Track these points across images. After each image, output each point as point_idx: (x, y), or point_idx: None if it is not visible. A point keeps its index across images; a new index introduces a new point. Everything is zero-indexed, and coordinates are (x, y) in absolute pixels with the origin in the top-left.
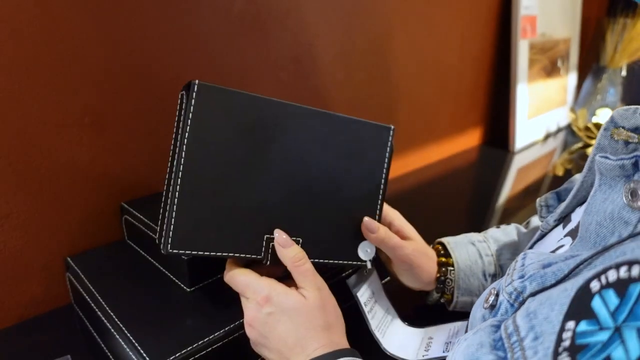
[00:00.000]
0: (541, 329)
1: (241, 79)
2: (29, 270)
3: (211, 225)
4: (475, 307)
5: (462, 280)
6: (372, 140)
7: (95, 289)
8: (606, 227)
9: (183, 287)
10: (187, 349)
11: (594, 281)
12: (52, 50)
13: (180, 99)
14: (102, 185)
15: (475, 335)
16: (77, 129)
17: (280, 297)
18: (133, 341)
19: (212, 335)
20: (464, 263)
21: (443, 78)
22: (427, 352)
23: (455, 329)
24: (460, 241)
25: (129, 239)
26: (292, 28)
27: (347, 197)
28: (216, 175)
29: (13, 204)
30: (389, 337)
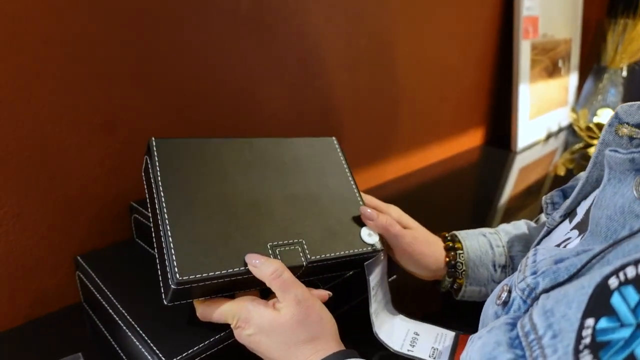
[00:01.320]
0: (559, 326)
1: (247, 80)
2: (39, 269)
3: (209, 250)
4: (487, 304)
5: (471, 269)
6: (323, 150)
7: (106, 287)
8: (617, 221)
9: None
10: (198, 346)
11: (612, 278)
12: (62, 52)
13: (145, 162)
14: (112, 185)
15: (491, 334)
16: (87, 129)
17: (256, 316)
18: (145, 338)
19: (223, 332)
20: (474, 253)
21: (445, 78)
22: (412, 349)
23: (443, 336)
24: (471, 232)
25: (138, 237)
26: (297, 29)
27: (328, 201)
28: (199, 211)
29: (24, 203)
30: (381, 320)
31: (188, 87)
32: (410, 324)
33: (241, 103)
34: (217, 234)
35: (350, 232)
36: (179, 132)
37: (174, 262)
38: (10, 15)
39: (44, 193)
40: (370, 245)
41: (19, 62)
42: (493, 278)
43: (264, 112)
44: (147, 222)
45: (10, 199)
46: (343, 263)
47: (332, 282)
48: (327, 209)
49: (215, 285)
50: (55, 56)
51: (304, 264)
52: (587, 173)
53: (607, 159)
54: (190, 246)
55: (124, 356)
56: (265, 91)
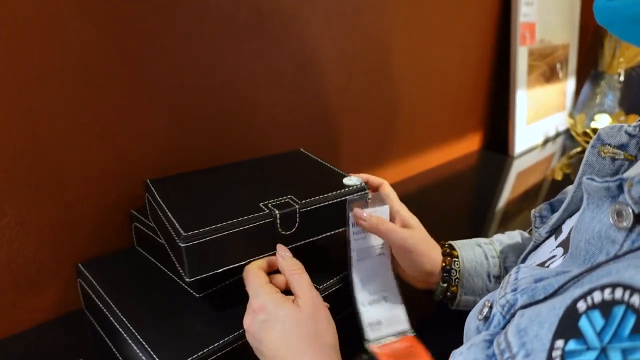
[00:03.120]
0: (532, 346)
1: (246, 86)
2: (41, 276)
3: (209, 212)
4: (469, 317)
5: (467, 279)
6: (297, 155)
7: (107, 294)
8: (595, 245)
9: (192, 293)
10: (198, 354)
11: (581, 301)
12: (62, 60)
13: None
14: (112, 193)
15: (470, 351)
16: (88, 137)
17: (274, 305)
18: (145, 345)
19: (222, 339)
20: (469, 263)
21: (443, 84)
22: (368, 308)
23: (400, 320)
24: (467, 242)
25: (139, 245)
26: (295, 35)
27: (310, 175)
28: (205, 221)
29: (26, 211)
30: (361, 267)
31: (188, 93)
32: (391, 286)
33: (241, 109)
34: (214, 205)
35: (333, 184)
36: (179, 140)
37: (177, 224)
38: (12, 24)
39: (46, 201)
40: (352, 185)
41: (19, 71)
42: (488, 288)
43: (264, 118)
44: (147, 230)
45: (12, 208)
46: (332, 207)
47: (331, 290)
48: (310, 178)
49: (224, 239)
50: (55, 65)
51: (297, 209)
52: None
53: (584, 186)
54: (191, 213)
55: None
56: (265, 97)
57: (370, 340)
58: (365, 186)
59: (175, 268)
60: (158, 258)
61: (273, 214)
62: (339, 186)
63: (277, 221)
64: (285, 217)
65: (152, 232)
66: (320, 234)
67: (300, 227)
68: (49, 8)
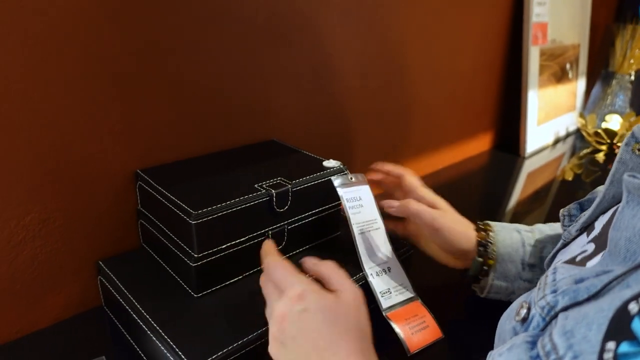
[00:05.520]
0: (580, 347)
1: (262, 87)
2: (63, 273)
3: (212, 194)
4: (503, 319)
5: (500, 264)
6: (275, 146)
7: (129, 291)
8: (636, 243)
9: (200, 292)
10: (222, 351)
11: (632, 303)
12: (84, 64)
13: (138, 187)
14: (133, 192)
15: (512, 352)
16: (110, 137)
17: (315, 294)
18: (170, 342)
19: (246, 337)
20: (504, 248)
21: (455, 84)
22: (374, 277)
23: (404, 289)
24: (506, 226)
25: (144, 243)
26: (311, 38)
27: (291, 163)
28: (210, 201)
29: (50, 209)
30: (365, 238)
31: (205, 95)
32: (391, 258)
33: (256, 110)
34: (212, 187)
35: (315, 167)
36: (196, 140)
37: (184, 205)
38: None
39: (68, 200)
40: (332, 167)
41: (44, 71)
42: (521, 276)
43: (279, 119)
44: (151, 227)
45: (37, 206)
46: (318, 186)
47: None
48: (292, 163)
49: (229, 217)
50: (77, 69)
51: (289, 189)
52: (605, 190)
53: (625, 183)
54: (194, 195)
55: (147, 359)
56: (281, 98)
57: (384, 308)
58: (344, 167)
59: (177, 266)
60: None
61: (270, 193)
62: (321, 168)
63: (273, 199)
64: (279, 196)
65: (153, 228)
66: (308, 211)
67: (292, 205)
68: (70, 8)
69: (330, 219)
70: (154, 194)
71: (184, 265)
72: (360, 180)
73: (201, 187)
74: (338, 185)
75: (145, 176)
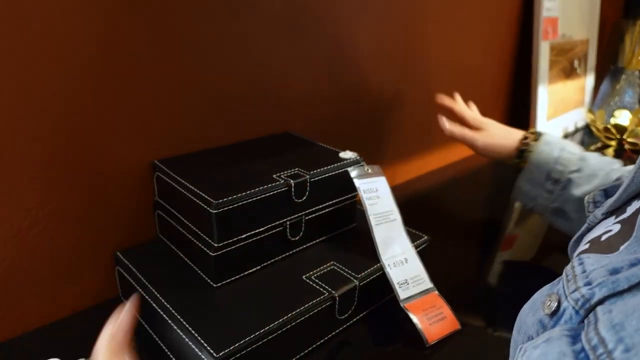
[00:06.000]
0: (632, 341)
1: (278, 78)
2: (80, 264)
3: (231, 184)
4: (524, 312)
5: (529, 168)
6: (290, 138)
7: (148, 282)
8: None
9: (218, 282)
10: (245, 339)
11: None
12: (102, 55)
13: (155, 178)
14: (150, 183)
15: (551, 344)
16: (127, 128)
17: None
18: (193, 332)
19: (268, 326)
20: (538, 158)
21: (466, 78)
22: (392, 268)
23: (422, 279)
24: (553, 142)
25: (161, 233)
26: (327, 29)
27: (305, 153)
28: (229, 190)
29: (68, 201)
30: (381, 228)
31: (221, 87)
32: (408, 249)
33: (271, 102)
34: (231, 177)
35: (331, 158)
36: (211, 131)
37: (204, 195)
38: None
39: (87, 190)
40: (348, 159)
41: (62, 65)
42: (543, 185)
43: (293, 111)
44: (168, 217)
45: (56, 196)
46: (335, 177)
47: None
48: (308, 154)
49: (248, 206)
50: (97, 59)
51: (307, 179)
52: (633, 174)
53: None
54: (213, 185)
55: (166, 349)
56: (295, 90)
57: (402, 299)
58: (360, 159)
59: (196, 256)
60: (177, 246)
61: (288, 183)
62: (337, 160)
63: (292, 190)
64: (298, 186)
65: (171, 218)
66: (325, 202)
67: (309, 196)
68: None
69: (346, 211)
70: (173, 184)
71: (203, 255)
72: (376, 172)
73: (219, 177)
74: (355, 176)
75: (163, 167)
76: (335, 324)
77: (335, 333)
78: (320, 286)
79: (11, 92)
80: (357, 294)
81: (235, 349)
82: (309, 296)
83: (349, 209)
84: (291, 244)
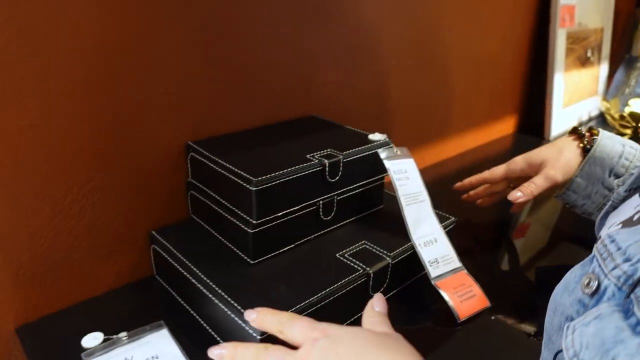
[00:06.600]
0: None
1: (306, 63)
2: (117, 243)
3: (268, 163)
4: (558, 293)
5: (589, 164)
6: (317, 121)
7: (187, 259)
8: None
9: (249, 261)
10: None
11: None
12: (144, 41)
13: (189, 159)
14: (183, 164)
15: (604, 321)
16: (164, 110)
17: (335, 326)
18: (234, 304)
19: (309, 298)
20: (601, 153)
21: (483, 66)
22: (423, 247)
23: (451, 258)
24: (614, 137)
25: (194, 214)
26: (351, 15)
27: (337, 134)
28: (267, 169)
29: (108, 178)
30: (411, 208)
31: (250, 71)
32: (436, 229)
33: (297, 86)
34: (267, 157)
35: (361, 140)
36: (240, 114)
37: (243, 173)
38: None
39: (126, 170)
40: (378, 140)
41: (107, 47)
42: (603, 181)
43: (321, 95)
44: (202, 197)
45: (97, 173)
46: (366, 158)
47: None
48: (338, 136)
49: (286, 184)
50: (139, 43)
51: (341, 159)
52: None
53: None
54: (251, 164)
55: (205, 324)
56: (320, 75)
57: (433, 277)
58: (389, 141)
59: (232, 234)
60: (212, 225)
61: (323, 163)
62: (367, 141)
63: (326, 169)
64: (332, 165)
65: (206, 198)
66: (357, 182)
67: (341, 176)
68: None
69: (375, 192)
70: (209, 164)
71: (240, 233)
72: (405, 154)
73: (254, 157)
74: (384, 157)
75: (199, 147)
76: (368, 300)
77: None
78: (355, 263)
79: (58, 69)
80: (389, 272)
81: None
82: (344, 273)
83: (378, 190)
84: (323, 224)
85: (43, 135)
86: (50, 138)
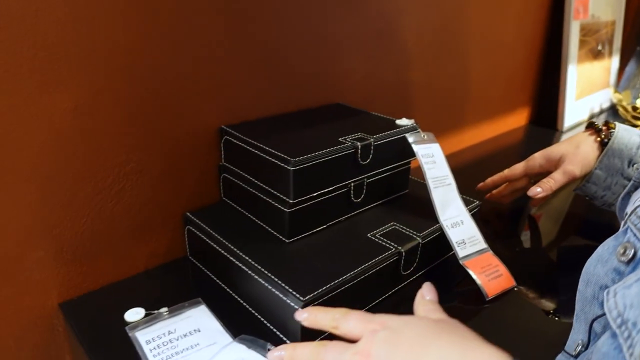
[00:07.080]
0: None
1: (335, 50)
2: (152, 224)
3: (300, 146)
4: (591, 265)
5: (607, 156)
6: (344, 108)
7: (224, 238)
8: None
9: (283, 239)
10: (327, 285)
11: None
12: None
13: (223, 142)
14: (216, 147)
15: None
16: (199, 95)
17: (395, 317)
18: (276, 279)
19: (347, 274)
20: (619, 145)
21: (498, 57)
22: (451, 228)
23: (477, 239)
24: (630, 129)
25: (226, 196)
26: (376, 4)
27: (365, 120)
28: (303, 150)
29: (146, 161)
30: (438, 192)
31: (279, 58)
32: (462, 212)
33: (324, 73)
34: (300, 140)
35: (389, 125)
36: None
37: (281, 154)
38: None
39: (163, 153)
40: (405, 125)
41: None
42: (622, 172)
43: (344, 83)
44: (236, 179)
45: (136, 156)
46: (395, 142)
47: None
48: (367, 121)
49: (321, 165)
50: (176, 28)
51: (372, 142)
52: None
53: None
54: (286, 145)
55: (243, 301)
56: (346, 63)
57: (460, 257)
58: (417, 126)
59: (267, 214)
60: (245, 207)
61: (355, 145)
62: (395, 126)
63: (358, 152)
64: (364, 148)
65: (240, 180)
66: (386, 165)
67: (372, 158)
68: None
69: (402, 176)
70: (245, 146)
71: (276, 213)
72: (431, 139)
73: (288, 139)
74: (412, 142)
75: (233, 131)
76: (398, 280)
77: (398, 289)
78: (387, 243)
79: (100, 56)
80: (419, 251)
81: (317, 294)
82: (377, 251)
83: (404, 175)
84: (353, 206)
85: (85, 118)
86: (92, 121)
